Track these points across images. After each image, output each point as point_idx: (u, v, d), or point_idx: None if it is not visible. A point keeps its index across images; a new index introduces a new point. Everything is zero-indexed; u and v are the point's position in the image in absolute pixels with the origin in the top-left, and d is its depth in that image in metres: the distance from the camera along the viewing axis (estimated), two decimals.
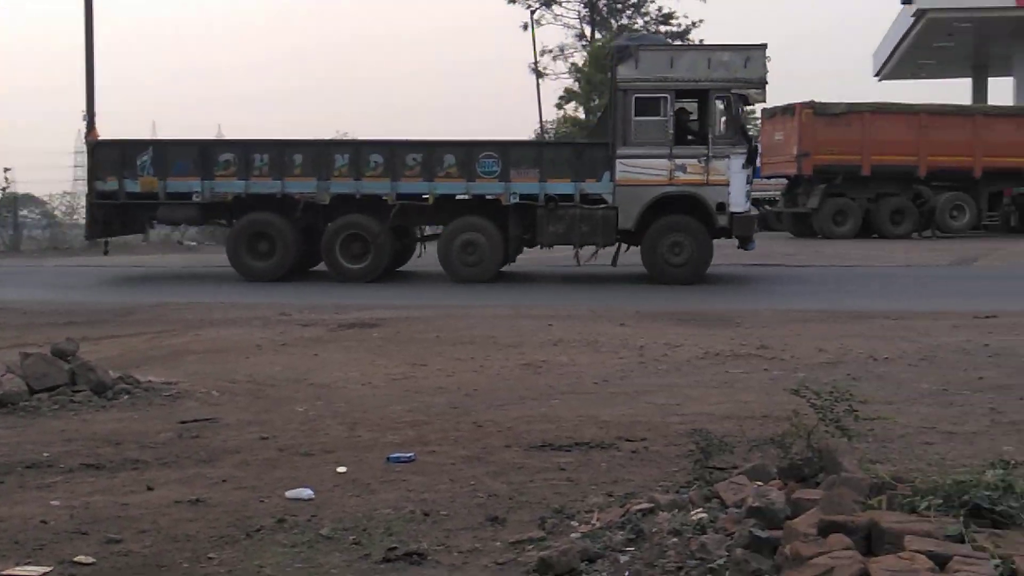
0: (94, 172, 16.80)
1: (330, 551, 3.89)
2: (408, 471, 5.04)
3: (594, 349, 9.06)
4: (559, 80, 45.88)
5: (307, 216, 16.36)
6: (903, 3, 36.14)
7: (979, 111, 31.22)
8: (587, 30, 48.48)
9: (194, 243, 33.14)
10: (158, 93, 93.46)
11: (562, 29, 51.22)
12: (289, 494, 4.64)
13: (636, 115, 15.42)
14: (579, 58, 45.68)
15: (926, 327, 10.18)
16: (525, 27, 44.13)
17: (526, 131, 45.97)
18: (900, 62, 44.02)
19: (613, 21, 48.67)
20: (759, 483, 4.06)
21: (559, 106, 43.97)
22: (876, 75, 48.15)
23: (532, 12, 45.29)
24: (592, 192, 15.59)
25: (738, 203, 15.51)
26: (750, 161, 15.95)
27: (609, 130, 15.81)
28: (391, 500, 4.53)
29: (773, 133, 31.11)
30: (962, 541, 3.14)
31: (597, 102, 40.68)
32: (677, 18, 48.57)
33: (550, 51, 48.22)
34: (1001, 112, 31.21)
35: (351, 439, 5.76)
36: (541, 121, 42.80)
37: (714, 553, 3.41)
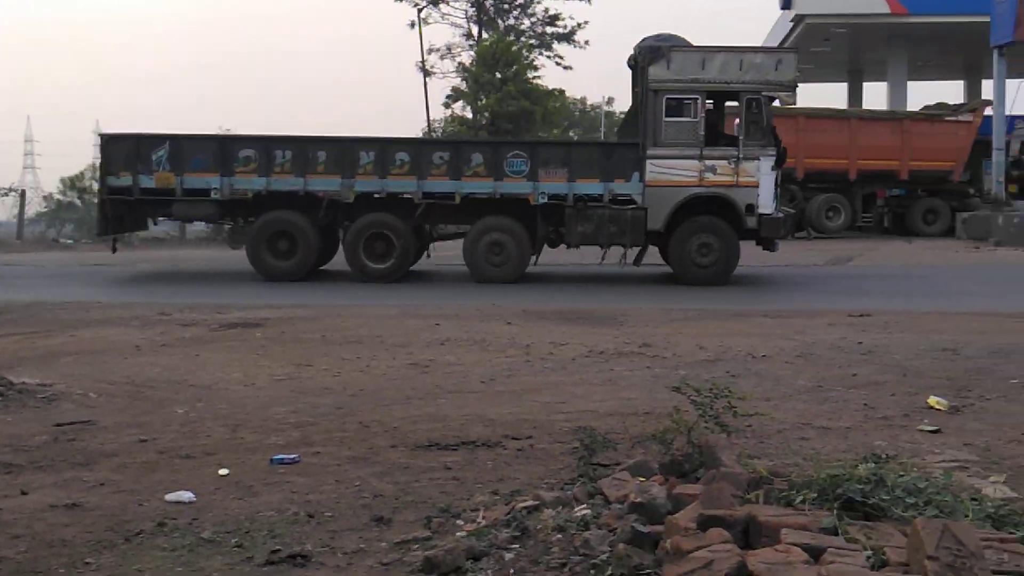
0: (106, 167, 16.20)
1: (212, 554, 3.82)
2: (292, 473, 4.98)
3: (481, 348, 9.08)
4: (447, 79, 45.85)
5: (329, 214, 16.01)
6: (782, 8, 37.09)
7: (854, 115, 32.20)
8: (474, 29, 48.55)
9: (70, 240, 32.20)
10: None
11: (449, 28, 51.19)
12: (169, 497, 4.54)
13: (667, 116, 15.42)
14: (466, 57, 45.71)
15: (803, 325, 10.47)
16: (412, 25, 43.99)
17: (414, 130, 45.84)
18: None
19: (500, 21, 48.87)
20: (641, 479, 4.13)
21: (447, 105, 43.91)
22: None
23: (419, 11, 45.17)
24: (621, 192, 15.56)
25: (767, 205, 15.60)
26: (779, 163, 16.10)
27: (639, 131, 15.72)
28: (275, 502, 4.47)
29: None
30: (836, 533, 3.24)
31: (484, 101, 40.80)
32: (563, 19, 49.01)
33: (437, 50, 48.18)
34: (875, 116, 32.25)
35: (233, 441, 5.67)
36: (428, 120, 42.73)
37: (597, 549, 3.46)
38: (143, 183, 15.81)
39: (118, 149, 16.08)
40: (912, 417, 6.11)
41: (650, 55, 15.65)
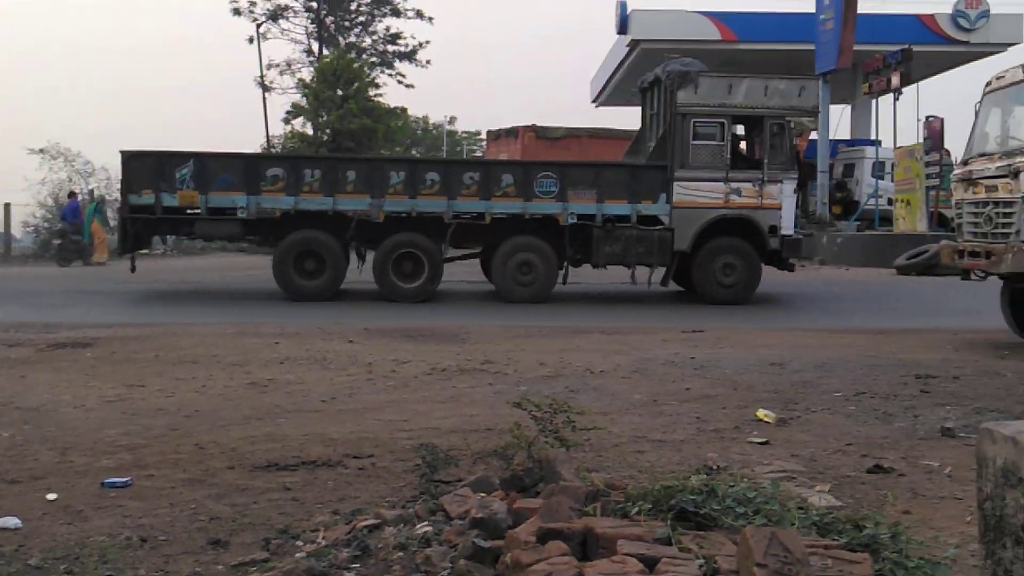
0: (127, 184, 15.44)
1: None
2: (124, 496, 4.82)
3: (322, 367, 8.98)
4: (287, 95, 45.33)
5: (357, 234, 15.66)
6: (618, 33, 37.97)
7: None
8: (315, 46, 48.15)
9: None
10: None
11: (290, 44, 50.58)
12: None
13: (694, 139, 15.68)
14: (307, 74, 45.27)
15: (638, 341, 10.73)
16: (251, 40, 43.35)
17: (253, 146, 45.07)
18: (616, 89, 46.18)
19: (341, 38, 48.63)
20: (482, 495, 4.16)
21: (287, 121, 43.37)
22: (594, 101, 50.34)
23: (258, 26, 44.57)
24: (648, 213, 15.67)
25: (788, 226, 15.94)
26: (800, 186, 16.40)
27: (667, 153, 15.83)
28: (106, 527, 4.32)
29: (498, 154, 32.04)
30: (670, 543, 3.33)
31: (325, 118, 40.44)
32: (404, 38, 49.10)
33: (277, 65, 47.60)
34: None
35: (62, 464, 5.45)
36: (268, 136, 42.12)
37: (438, 565, 3.46)
38: (166, 201, 15.31)
39: (140, 167, 15.50)
40: (742, 429, 6.33)
41: (679, 80, 16.16)
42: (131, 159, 15.64)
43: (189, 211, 15.60)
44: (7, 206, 33.26)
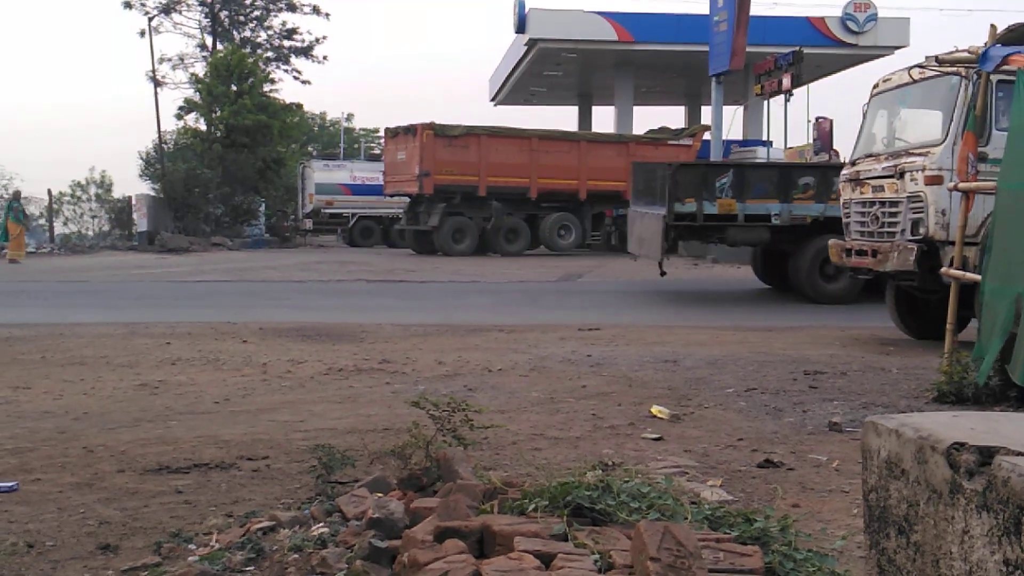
0: (673, 193, 15.46)
1: None
2: (10, 501, 4.68)
3: (215, 367, 8.84)
4: (179, 90, 44.46)
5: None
6: (516, 32, 38.14)
7: (584, 137, 33.57)
8: (209, 40, 47.34)
9: None
10: None
11: (183, 38, 49.65)
12: None
13: None
14: (200, 69, 44.46)
15: (536, 339, 10.80)
16: (143, 34, 42.44)
17: (145, 142, 44.17)
18: (514, 88, 46.42)
19: (236, 33, 47.92)
20: (379, 495, 4.14)
21: (179, 116, 42.54)
22: (492, 100, 50.50)
23: (150, 19, 43.66)
24: None
25: None
26: None
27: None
28: None
29: (396, 152, 31.85)
30: (566, 539, 3.36)
31: (219, 113, 39.79)
32: (301, 34, 48.59)
33: (169, 59, 46.69)
34: (603, 139, 33.75)
35: None
36: (159, 131, 41.25)
37: (334, 566, 3.44)
38: (706, 209, 15.56)
39: (687, 177, 15.85)
40: (637, 426, 6.42)
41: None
42: (679, 170, 15.98)
43: (722, 219, 15.88)
44: None
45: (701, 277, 22.31)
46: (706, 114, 39.41)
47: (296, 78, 49.06)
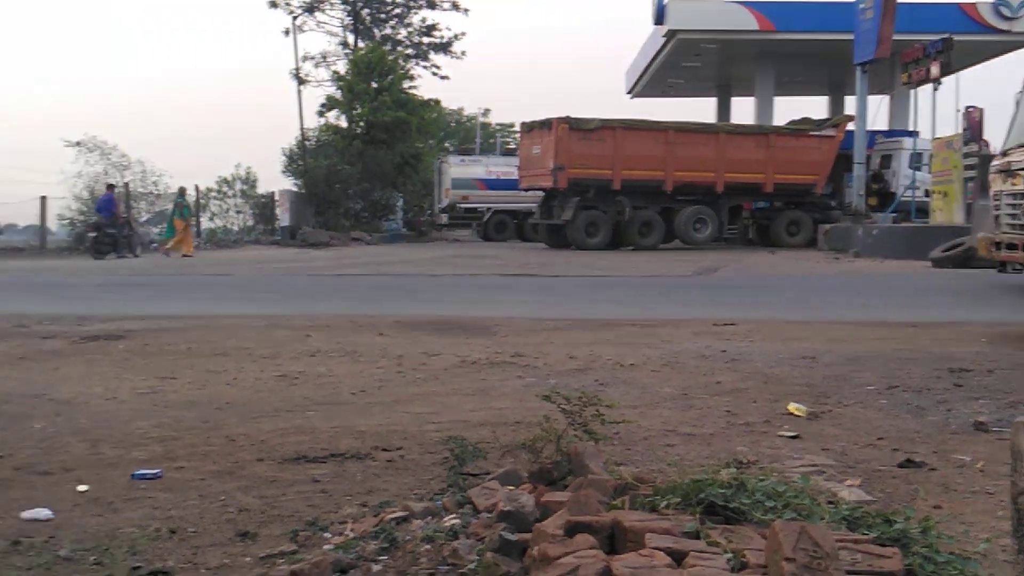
0: None
1: (70, 573, 3.69)
2: (154, 488, 4.85)
3: (352, 359, 9.00)
4: (321, 87, 45.56)
5: None
6: (655, 23, 37.85)
7: (722, 129, 33.10)
8: (350, 38, 48.33)
9: None
10: None
11: (325, 36, 50.86)
12: (25, 515, 4.37)
13: None
14: (342, 66, 45.43)
15: (669, 334, 10.67)
16: (287, 33, 43.62)
17: (288, 139, 45.35)
18: (651, 80, 46.11)
19: (376, 30, 48.80)
20: (510, 487, 4.14)
21: (321, 113, 43.58)
22: (629, 92, 50.25)
23: (294, 18, 44.78)
24: None
25: None
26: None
27: None
28: (136, 518, 4.34)
29: (531, 147, 31.94)
30: (698, 537, 3.30)
31: (359, 110, 40.59)
32: (440, 30, 49.18)
33: (312, 58, 47.84)
34: (742, 130, 33.20)
35: (93, 456, 5.49)
36: (302, 128, 42.30)
37: (466, 558, 3.45)
38: None
39: None
40: (772, 423, 6.28)
41: None
42: None
43: None
44: (43, 199, 33.72)
45: (843, 271, 21.76)
46: (850, 104, 38.43)
47: (435, 74, 49.75)
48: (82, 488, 4.84)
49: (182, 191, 31.92)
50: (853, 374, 8.16)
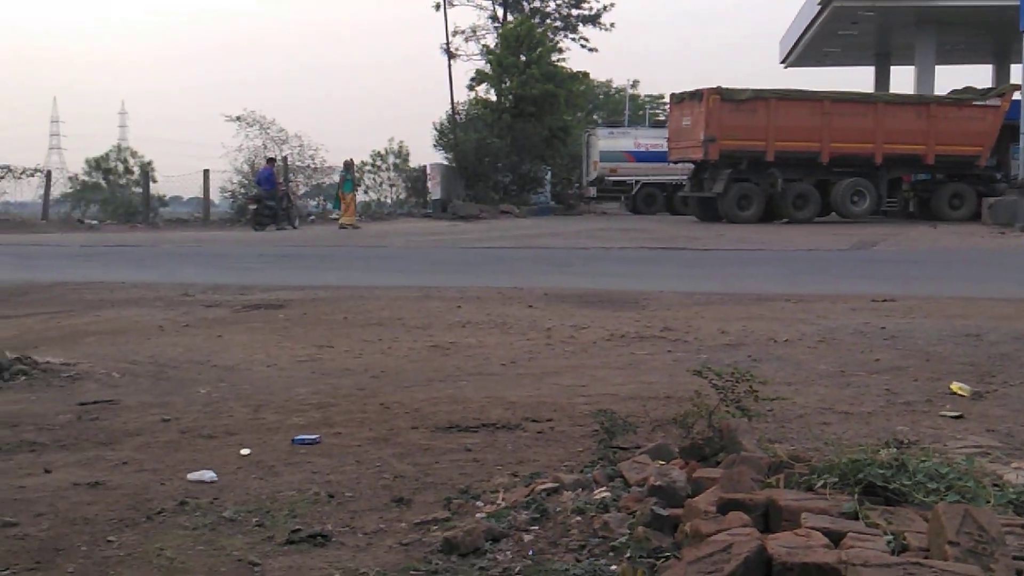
0: None
1: (233, 533, 3.84)
2: (313, 453, 5.00)
3: (502, 331, 9.09)
4: (471, 61, 45.86)
5: None
6: None
7: (880, 99, 32.00)
8: (500, 12, 48.46)
9: (95, 221, 32.45)
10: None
11: (475, 10, 51.20)
12: (191, 476, 4.56)
13: None
14: (491, 40, 45.66)
15: (825, 310, 10.42)
16: (437, 7, 43.99)
17: (438, 113, 45.93)
18: (806, 49, 44.88)
19: (525, 3, 48.78)
20: (661, 462, 4.13)
21: (471, 87, 43.91)
22: (782, 62, 49.05)
23: None
24: None
25: None
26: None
27: None
28: (295, 482, 4.49)
29: (681, 118, 31.51)
30: (856, 518, 3.23)
31: (508, 84, 40.76)
32: (588, 2, 48.86)
33: (462, 32, 48.17)
34: (902, 100, 32.03)
35: (255, 421, 5.70)
36: (453, 102, 42.72)
37: (616, 531, 3.46)
38: None
39: None
40: (934, 403, 6.07)
41: None
42: None
43: None
44: (206, 172, 34.98)
45: (1008, 246, 20.84)
46: (1016, 73, 36.59)
47: (583, 46, 49.48)
48: (245, 452, 5.03)
49: (348, 164, 32.62)
50: (1020, 353, 7.81)
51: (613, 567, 3.28)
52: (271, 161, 32.49)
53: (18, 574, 3.47)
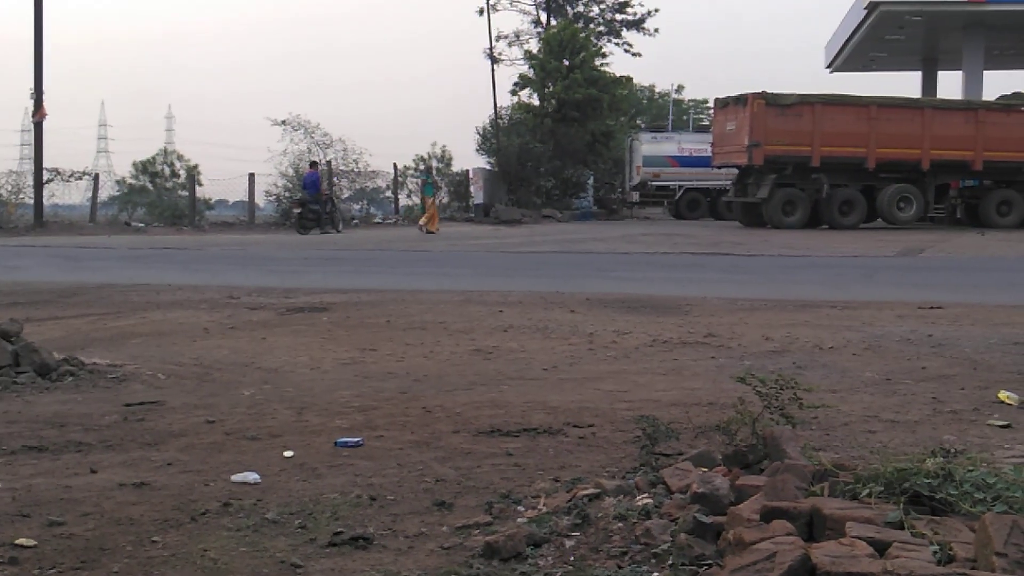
0: None
1: (276, 535, 3.87)
2: (356, 456, 5.02)
3: (544, 336, 9.08)
4: (515, 66, 45.92)
5: None
6: None
7: (928, 104, 31.64)
8: (543, 16, 48.49)
9: (142, 224, 32.83)
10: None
11: (518, 15, 51.19)
12: (235, 478, 4.60)
13: None
14: (534, 44, 45.70)
15: (871, 317, 10.32)
16: (481, 12, 44.10)
17: (481, 117, 45.98)
18: (852, 54, 44.52)
19: (569, 8, 48.77)
20: (704, 469, 4.10)
21: (514, 92, 43.95)
22: (828, 67, 48.70)
23: None
24: None
25: None
26: None
27: None
28: (338, 485, 4.51)
29: (725, 123, 31.35)
30: (902, 528, 3.18)
31: (551, 88, 40.76)
32: (632, 6, 48.76)
33: (506, 37, 48.25)
34: (949, 105, 31.65)
35: (298, 423, 5.73)
36: (496, 107, 42.78)
37: (658, 538, 3.44)
38: None
39: None
40: (982, 411, 5.99)
41: None
42: None
43: None
44: (251, 176, 35.28)
45: None
46: None
47: (627, 51, 49.35)
48: (288, 454, 5.07)
49: (428, 169, 32.68)
50: None
51: (655, 574, 3.26)
52: (314, 165, 32.68)
53: (64, 573, 3.51)
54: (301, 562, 3.57)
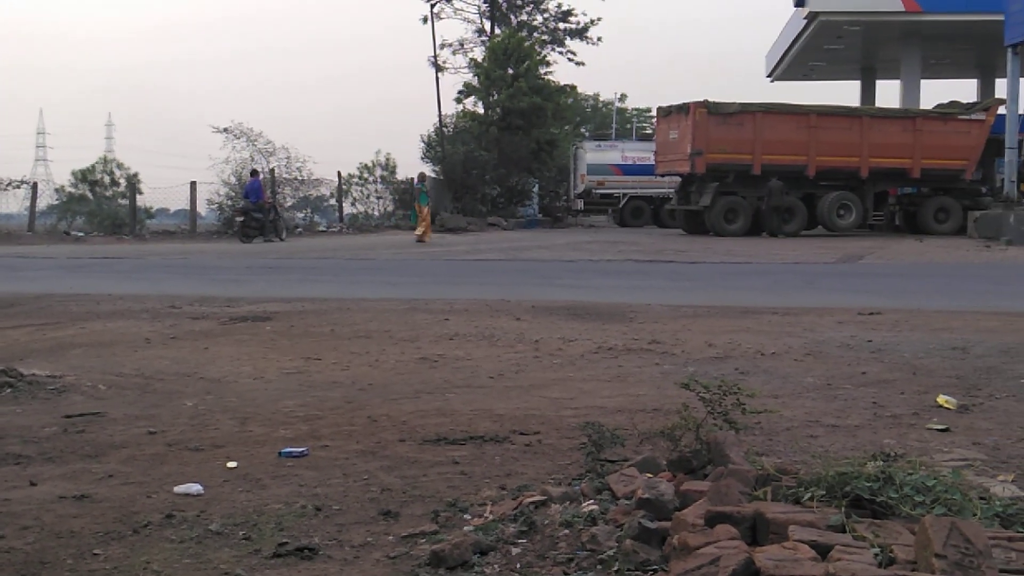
0: None
1: (219, 546, 3.82)
2: (300, 466, 4.99)
3: (490, 343, 9.08)
4: (459, 74, 45.98)
5: None
6: (796, 6, 37.00)
7: (866, 113, 32.16)
8: (487, 25, 48.62)
9: (81, 233, 32.36)
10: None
11: (462, 23, 51.31)
12: (178, 489, 4.55)
13: None
14: (478, 53, 45.79)
15: (812, 323, 10.45)
16: (425, 20, 44.09)
17: (426, 125, 45.94)
18: (792, 63, 45.10)
19: (513, 16, 48.96)
20: (649, 475, 4.13)
21: (459, 100, 43.99)
22: (769, 76, 49.28)
23: (432, 5, 45.23)
24: None
25: None
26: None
27: None
28: (282, 495, 4.48)
29: (668, 132, 31.62)
30: (843, 531, 3.23)
31: (496, 97, 40.84)
32: (575, 15, 49.05)
33: (449, 45, 48.30)
34: (887, 114, 32.19)
35: (242, 434, 5.68)
36: (440, 115, 42.78)
37: (604, 544, 3.45)
38: None
39: None
40: (921, 415, 6.09)
41: None
42: None
43: None
44: (193, 184, 34.91)
45: (994, 260, 20.93)
46: (1000, 87, 36.89)
47: (570, 60, 49.63)
48: (231, 464, 5.01)
49: (422, 177, 32.43)
50: (1006, 366, 7.85)
51: None
52: (255, 173, 32.43)
53: None
54: (245, 573, 3.54)
